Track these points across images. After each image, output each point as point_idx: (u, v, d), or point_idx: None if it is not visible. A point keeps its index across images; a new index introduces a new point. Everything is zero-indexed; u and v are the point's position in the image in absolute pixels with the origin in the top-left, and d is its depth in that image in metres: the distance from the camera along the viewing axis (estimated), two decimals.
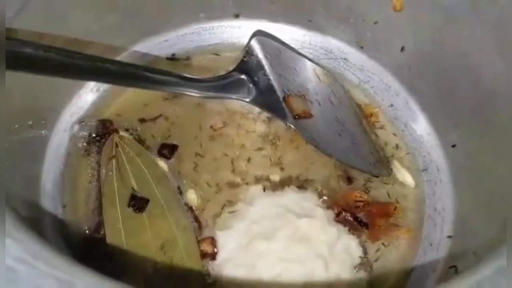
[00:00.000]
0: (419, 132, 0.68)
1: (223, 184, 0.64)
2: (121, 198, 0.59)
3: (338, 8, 0.70)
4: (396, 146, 0.69)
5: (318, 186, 0.64)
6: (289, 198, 0.62)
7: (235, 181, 0.64)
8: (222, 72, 0.69)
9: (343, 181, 0.65)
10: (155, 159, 0.64)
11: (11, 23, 0.54)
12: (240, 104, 0.69)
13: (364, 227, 0.61)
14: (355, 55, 0.73)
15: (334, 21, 0.72)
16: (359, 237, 0.60)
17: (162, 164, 0.64)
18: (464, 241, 0.56)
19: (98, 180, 0.62)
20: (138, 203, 0.59)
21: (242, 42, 0.74)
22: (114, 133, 0.64)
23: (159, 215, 0.59)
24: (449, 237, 0.59)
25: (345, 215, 0.61)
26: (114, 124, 0.66)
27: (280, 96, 0.67)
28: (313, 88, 0.69)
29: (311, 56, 0.74)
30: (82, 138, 0.65)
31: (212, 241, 0.59)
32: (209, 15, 0.75)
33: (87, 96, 0.68)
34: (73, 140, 0.65)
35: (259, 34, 0.72)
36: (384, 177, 0.65)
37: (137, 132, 0.66)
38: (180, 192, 0.62)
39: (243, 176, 0.65)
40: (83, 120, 0.66)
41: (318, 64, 0.72)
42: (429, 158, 0.66)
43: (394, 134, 0.70)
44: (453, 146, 0.63)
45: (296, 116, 0.67)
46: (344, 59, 0.74)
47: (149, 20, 0.71)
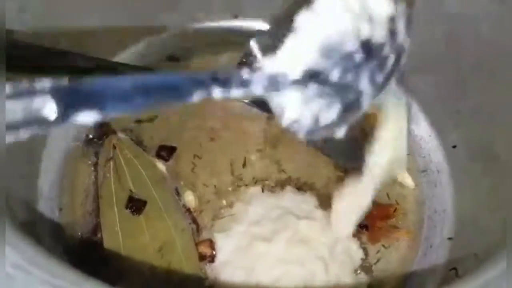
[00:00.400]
0: (419, 133, 0.67)
1: (222, 186, 0.63)
2: (119, 200, 0.59)
3: None
4: None
5: (318, 188, 0.63)
6: (289, 200, 0.62)
7: (234, 183, 0.64)
8: None
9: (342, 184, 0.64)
10: (153, 161, 0.63)
11: (12, 24, 0.53)
12: (240, 105, 0.68)
13: (364, 229, 0.60)
14: None
15: None
16: (359, 239, 0.60)
17: (160, 166, 0.63)
18: (465, 243, 0.56)
19: (96, 182, 0.61)
20: (136, 205, 0.59)
21: (241, 43, 0.73)
22: (112, 135, 0.64)
23: (157, 217, 0.59)
24: (450, 239, 0.59)
25: None
26: (112, 126, 0.65)
27: None
28: None
29: None
30: (79, 140, 0.64)
31: (211, 244, 0.58)
32: (208, 15, 0.74)
33: None
34: (70, 142, 0.64)
35: (259, 34, 0.71)
36: None
37: (135, 134, 0.66)
38: (178, 194, 0.62)
39: (242, 178, 0.64)
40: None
41: None
42: (429, 159, 0.66)
43: None
44: (454, 147, 0.63)
45: None
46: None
47: (147, 20, 0.71)
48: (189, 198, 0.62)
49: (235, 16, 0.75)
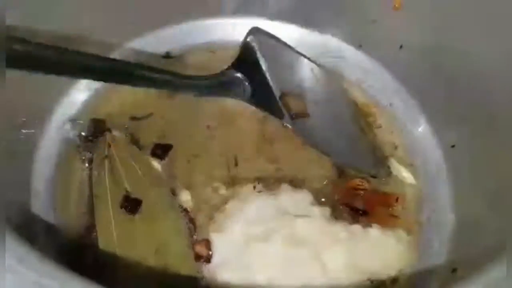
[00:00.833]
0: (418, 132, 0.67)
1: (218, 185, 0.62)
2: (114, 200, 0.58)
3: (336, 6, 0.70)
4: (394, 146, 0.68)
5: (315, 185, 0.63)
6: (285, 198, 0.61)
7: (230, 182, 0.63)
8: (217, 71, 0.68)
9: (340, 180, 0.64)
10: (149, 160, 0.62)
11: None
12: (236, 103, 0.68)
13: (362, 215, 0.60)
14: (353, 54, 0.72)
15: (332, 19, 0.71)
16: (358, 223, 0.59)
17: (156, 165, 0.62)
18: (465, 244, 0.55)
19: (90, 181, 0.60)
20: (131, 205, 0.58)
21: (238, 40, 0.72)
22: (107, 133, 0.63)
23: (153, 217, 0.58)
24: (449, 239, 0.58)
25: (342, 208, 0.61)
26: (107, 124, 0.64)
27: (277, 95, 0.66)
28: (310, 87, 0.69)
29: (308, 55, 0.72)
30: (74, 138, 0.63)
31: (207, 244, 0.58)
32: (205, 12, 0.73)
33: (79, 95, 0.67)
34: (64, 140, 0.63)
35: (256, 32, 0.71)
36: (383, 178, 0.64)
37: (131, 132, 0.65)
38: (174, 194, 0.61)
39: (239, 177, 0.63)
40: (75, 119, 0.64)
41: (315, 63, 0.71)
42: (428, 159, 0.65)
43: (392, 134, 0.69)
44: (453, 147, 0.63)
45: (293, 116, 0.65)
46: (342, 58, 0.73)
47: (144, 17, 0.70)
48: (186, 198, 0.61)
49: (232, 13, 0.74)
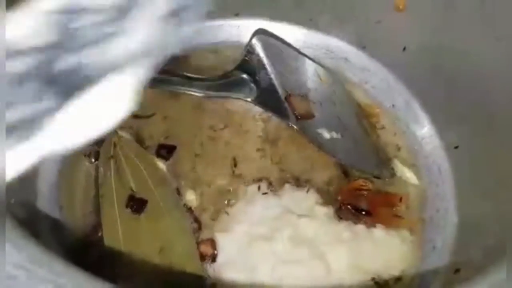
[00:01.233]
0: (421, 133, 0.67)
1: (223, 185, 0.63)
2: (119, 199, 0.58)
3: (339, 7, 0.70)
4: (397, 147, 0.68)
5: (319, 186, 0.63)
6: (289, 198, 0.61)
7: (235, 182, 0.63)
8: (221, 71, 0.68)
9: (344, 180, 0.64)
10: (154, 160, 0.63)
11: None
12: (240, 104, 0.68)
13: (366, 215, 0.60)
14: (356, 55, 0.72)
15: (335, 20, 0.72)
16: (361, 223, 0.59)
17: (161, 165, 0.63)
18: (468, 244, 0.56)
19: (96, 181, 0.60)
20: (137, 204, 0.58)
21: (242, 41, 0.73)
22: (113, 133, 0.63)
23: (158, 216, 0.58)
24: (453, 240, 0.58)
25: (346, 208, 0.61)
26: None
27: (282, 96, 0.66)
28: (315, 88, 0.69)
29: (312, 56, 0.73)
30: None
31: (212, 243, 0.58)
32: (208, 13, 0.73)
33: None
34: None
35: (261, 33, 0.71)
36: (386, 179, 0.64)
37: (135, 132, 0.65)
38: (179, 193, 0.61)
39: (243, 177, 0.64)
40: None
41: (319, 64, 0.72)
42: (431, 160, 0.65)
43: (396, 135, 0.69)
44: (456, 148, 0.63)
45: (299, 117, 0.66)
46: (345, 59, 0.73)
47: None
48: (190, 198, 0.61)
49: (235, 15, 0.75)
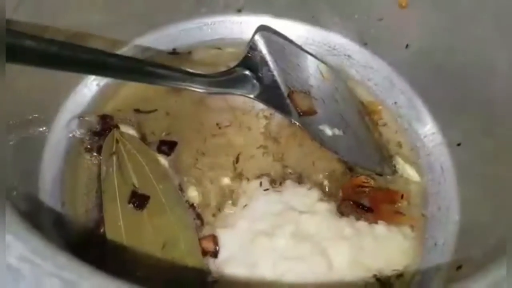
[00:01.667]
0: (423, 131, 0.67)
1: (225, 182, 0.63)
2: (122, 195, 0.58)
3: (342, 4, 0.70)
4: (399, 144, 0.68)
5: (321, 182, 0.63)
6: (291, 195, 0.61)
7: (237, 178, 0.63)
8: (224, 68, 0.68)
9: (346, 177, 0.64)
10: (156, 156, 0.63)
11: (12, 15, 0.53)
12: (242, 101, 0.68)
13: (368, 211, 0.60)
14: (359, 52, 0.72)
15: (338, 17, 0.72)
16: (363, 220, 0.60)
17: (163, 161, 0.63)
18: (470, 242, 0.56)
19: (98, 177, 0.60)
20: (139, 200, 0.58)
21: (244, 38, 0.73)
22: (115, 129, 0.63)
23: (160, 213, 0.58)
24: (454, 237, 0.58)
25: (348, 204, 0.61)
26: (115, 120, 0.65)
27: (285, 93, 0.66)
28: (317, 85, 0.69)
29: (314, 53, 0.73)
30: (82, 134, 0.63)
31: (214, 239, 0.58)
32: (211, 10, 0.74)
33: (87, 91, 0.67)
34: (73, 136, 0.63)
35: (263, 29, 0.71)
36: (388, 176, 0.64)
37: (138, 128, 0.65)
38: (181, 189, 0.61)
39: (245, 173, 0.64)
40: (82, 116, 0.64)
41: (322, 61, 0.72)
42: (433, 157, 0.65)
43: (397, 132, 0.69)
44: (458, 145, 0.63)
45: (301, 113, 0.66)
46: (348, 56, 0.73)
47: (151, 14, 0.70)
48: (193, 194, 0.61)
49: (238, 11, 0.75)
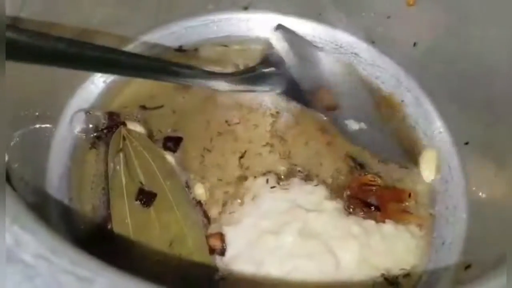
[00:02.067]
0: (431, 129, 0.67)
1: (232, 179, 0.63)
2: (129, 192, 0.58)
3: (349, 2, 0.70)
4: None
5: (328, 180, 0.63)
6: (298, 193, 0.61)
7: (243, 176, 0.63)
8: (230, 64, 0.68)
9: (353, 175, 0.64)
10: (163, 153, 0.63)
11: (18, 12, 0.52)
12: (249, 98, 0.68)
13: (375, 210, 0.60)
14: (366, 50, 0.72)
15: (345, 15, 0.71)
16: (370, 218, 0.59)
17: (169, 158, 0.63)
18: (479, 241, 0.56)
19: (106, 173, 0.60)
20: (146, 197, 0.58)
21: (251, 35, 0.73)
22: (122, 126, 0.63)
23: (167, 210, 0.58)
24: (462, 237, 0.58)
25: (355, 202, 0.61)
26: (121, 117, 0.65)
27: (307, 88, 0.67)
28: (336, 80, 0.69)
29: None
30: (89, 130, 0.63)
31: (221, 237, 0.58)
32: (218, 7, 0.73)
33: (93, 88, 0.67)
34: (80, 133, 0.63)
35: (281, 28, 0.71)
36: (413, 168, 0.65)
37: (144, 125, 0.65)
38: (188, 187, 0.61)
39: (252, 171, 0.64)
40: (89, 111, 0.64)
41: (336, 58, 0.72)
42: (441, 156, 0.65)
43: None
44: (466, 144, 0.63)
45: (325, 109, 0.66)
46: (355, 54, 0.73)
47: (157, 11, 0.70)
48: (200, 192, 0.61)
49: (244, 9, 0.74)
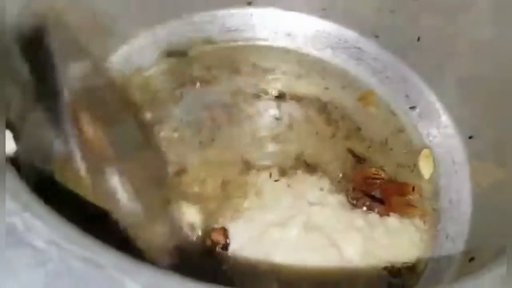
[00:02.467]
0: (435, 123, 0.67)
1: (233, 172, 0.62)
2: None
3: None
4: None
5: (331, 173, 0.63)
6: (301, 186, 0.61)
7: (246, 168, 0.63)
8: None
9: (357, 168, 0.63)
10: None
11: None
12: (252, 84, 0.68)
13: (379, 203, 0.60)
14: (370, 45, 0.72)
15: (348, 9, 0.71)
16: (374, 211, 0.60)
17: None
18: (482, 234, 0.55)
19: None
20: None
21: (254, 30, 0.73)
22: None
23: None
24: (467, 230, 0.58)
25: (359, 195, 0.60)
26: None
27: None
28: None
29: (325, 45, 0.73)
30: None
31: (224, 232, 0.58)
32: (220, 2, 0.73)
33: None
34: None
35: None
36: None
37: None
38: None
39: (254, 164, 0.63)
40: None
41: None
42: (445, 150, 0.65)
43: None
44: (470, 138, 0.63)
45: None
46: (358, 48, 0.73)
47: (160, 7, 0.70)
48: (201, 185, 0.61)
49: (248, 3, 0.74)
